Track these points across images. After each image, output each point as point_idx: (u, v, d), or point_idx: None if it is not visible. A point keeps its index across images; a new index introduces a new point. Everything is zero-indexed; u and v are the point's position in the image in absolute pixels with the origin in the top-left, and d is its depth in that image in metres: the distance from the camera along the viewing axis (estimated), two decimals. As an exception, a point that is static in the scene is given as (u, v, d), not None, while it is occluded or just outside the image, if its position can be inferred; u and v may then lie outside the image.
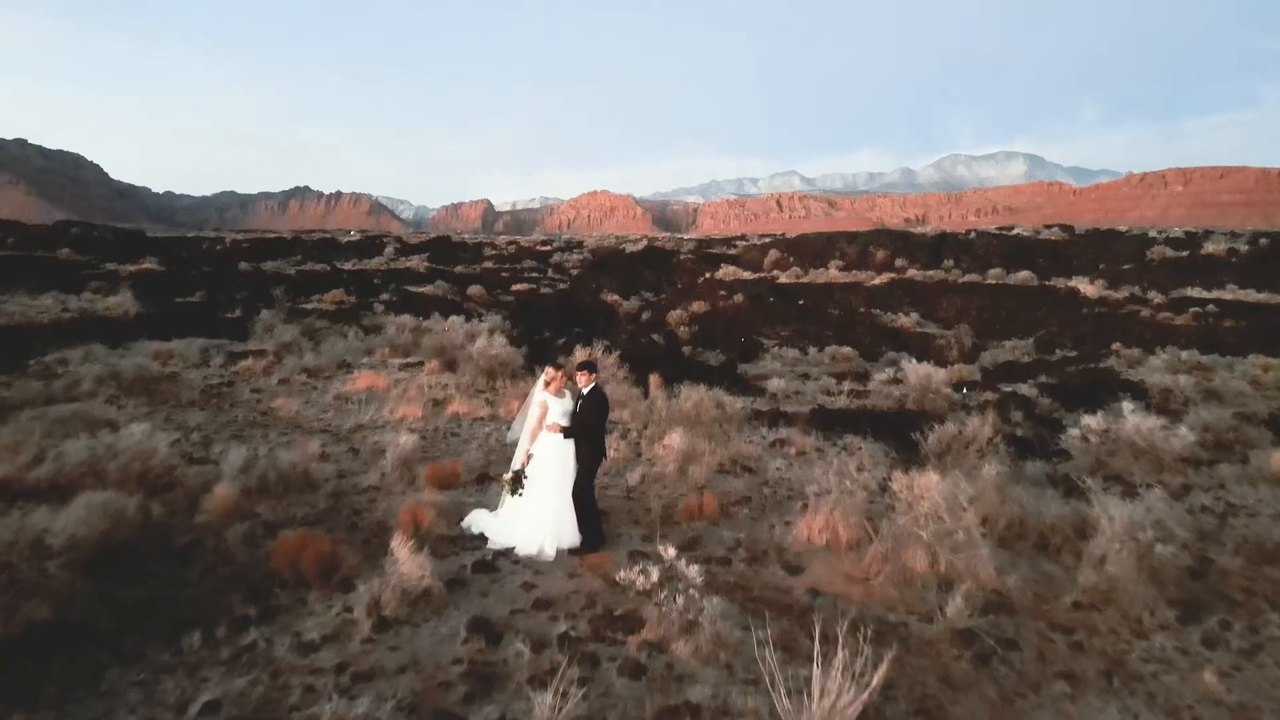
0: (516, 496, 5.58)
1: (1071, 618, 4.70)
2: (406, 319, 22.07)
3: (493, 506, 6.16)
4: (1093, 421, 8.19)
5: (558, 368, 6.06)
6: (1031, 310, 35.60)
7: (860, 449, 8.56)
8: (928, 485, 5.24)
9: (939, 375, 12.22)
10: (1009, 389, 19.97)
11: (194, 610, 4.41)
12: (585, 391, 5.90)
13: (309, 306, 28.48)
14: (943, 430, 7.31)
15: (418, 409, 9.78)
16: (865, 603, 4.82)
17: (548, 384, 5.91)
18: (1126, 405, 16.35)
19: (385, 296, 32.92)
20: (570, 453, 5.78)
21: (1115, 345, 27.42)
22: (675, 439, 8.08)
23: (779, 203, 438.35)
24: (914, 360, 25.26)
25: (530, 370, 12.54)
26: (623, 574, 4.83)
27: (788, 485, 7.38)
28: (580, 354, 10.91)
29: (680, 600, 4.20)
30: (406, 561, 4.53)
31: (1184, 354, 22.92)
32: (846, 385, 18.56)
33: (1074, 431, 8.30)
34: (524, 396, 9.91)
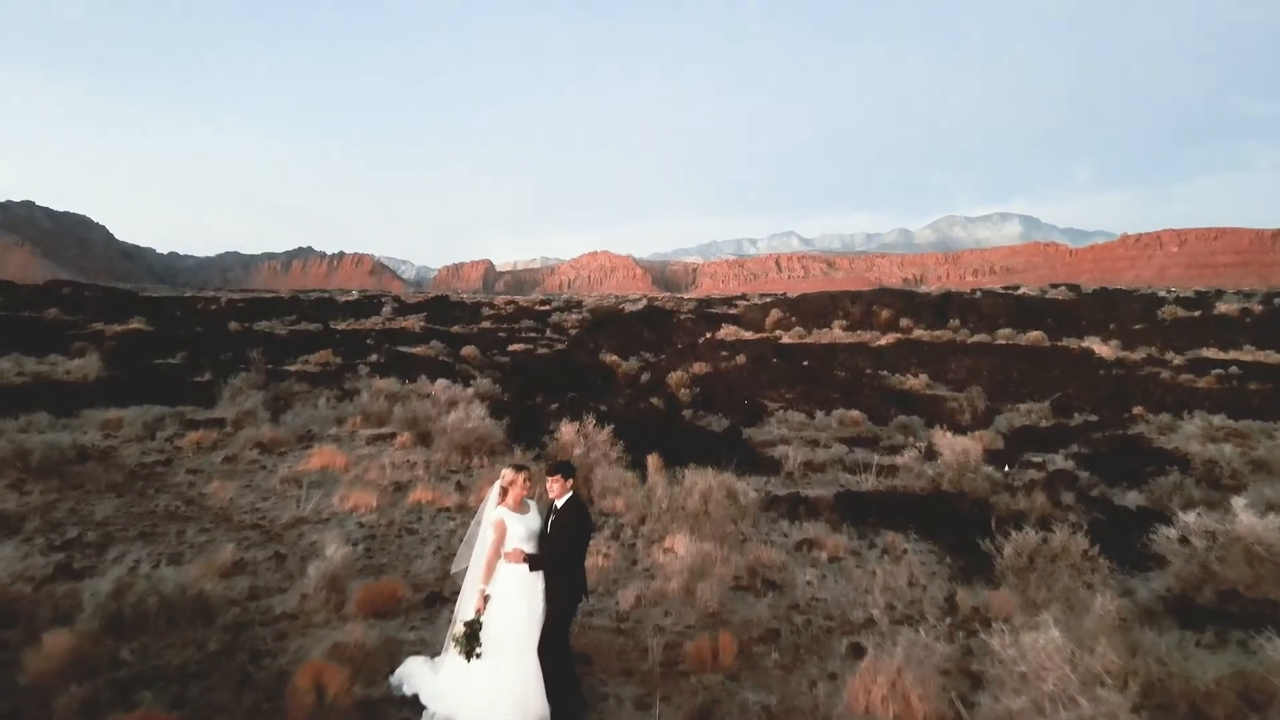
0: (473, 660, 3.95)
1: None
2: (391, 382, 20.67)
3: (439, 646, 4.57)
4: (1191, 519, 6.63)
5: (519, 469, 4.46)
6: (1045, 372, 34.23)
7: (904, 551, 6.97)
8: (1033, 644, 3.68)
9: (975, 449, 10.69)
10: (1038, 459, 18.41)
11: None
12: (559, 504, 4.33)
13: (292, 368, 27.12)
14: (1021, 539, 5.74)
15: (373, 496, 8.22)
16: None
17: (505, 492, 4.38)
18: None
19: (374, 357, 31.60)
20: (539, 588, 4.21)
21: (1136, 408, 25.96)
22: (680, 542, 6.52)
23: (778, 263, 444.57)
24: (921, 420, 23.86)
25: (512, 446, 11.02)
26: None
27: (824, 608, 5.75)
28: (566, 429, 9.41)
29: None
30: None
31: (1214, 419, 21.45)
32: (862, 453, 17.02)
33: (1167, 531, 6.73)
34: (505, 469, 8.42)
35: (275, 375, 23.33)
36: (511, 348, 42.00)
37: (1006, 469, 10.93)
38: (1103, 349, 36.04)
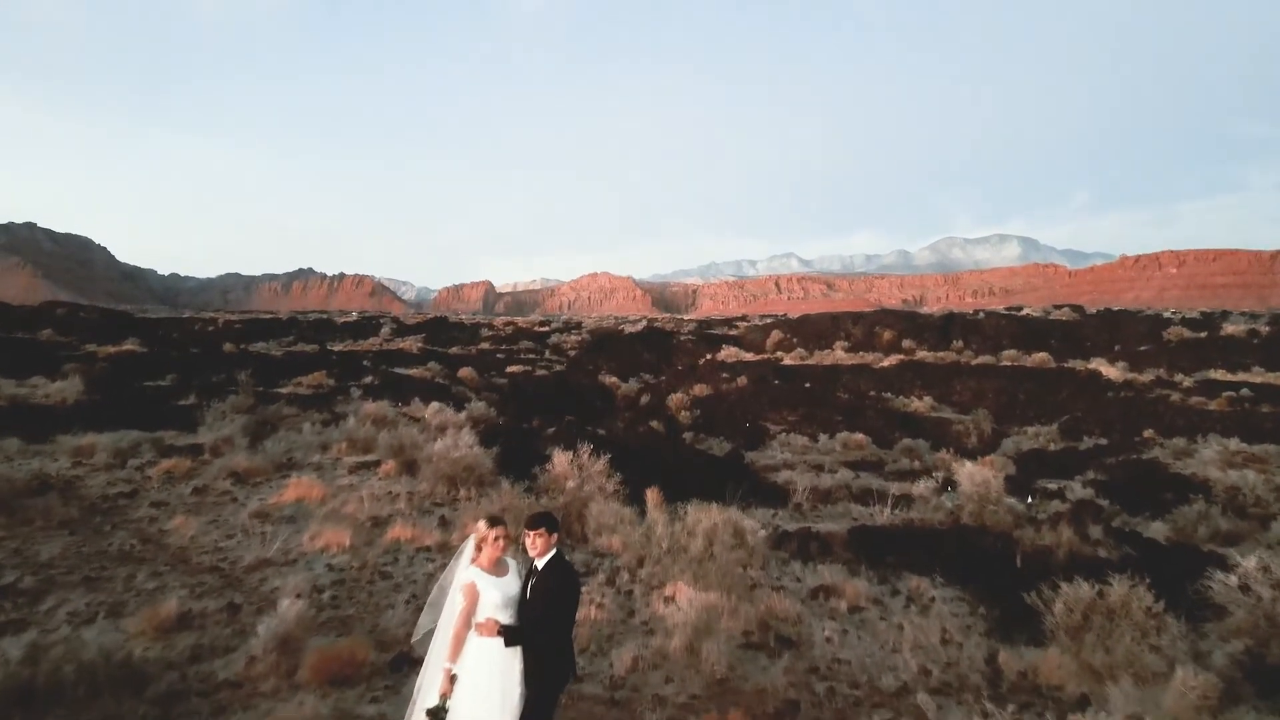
0: None
1: None
2: (383, 405, 19.99)
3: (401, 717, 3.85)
4: (1251, 564, 5.93)
5: (494, 523, 3.71)
6: (1052, 394, 33.59)
7: (932, 599, 6.26)
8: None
9: (996, 480, 9.99)
10: (1052, 485, 17.68)
11: None
12: (540, 565, 3.60)
13: (284, 390, 26.46)
14: (1073, 593, 5.01)
15: (347, 534, 7.51)
16: None
17: (479, 548, 3.70)
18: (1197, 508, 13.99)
19: (369, 380, 30.93)
20: (517, 667, 3.49)
21: (1147, 432, 25.30)
22: (682, 590, 5.82)
23: (778, 284, 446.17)
24: (926, 444, 23.14)
25: (505, 473, 10.31)
26: None
27: (848, 673, 5.01)
28: (560, 460, 8.70)
29: None
30: None
31: (1230, 443, 20.76)
32: (869, 478, 16.32)
33: (1224, 576, 6.02)
34: (479, 520, 7.72)
35: (265, 398, 22.65)
36: (510, 369, 41.39)
37: (1029, 500, 10.23)
38: (1110, 370, 35.42)
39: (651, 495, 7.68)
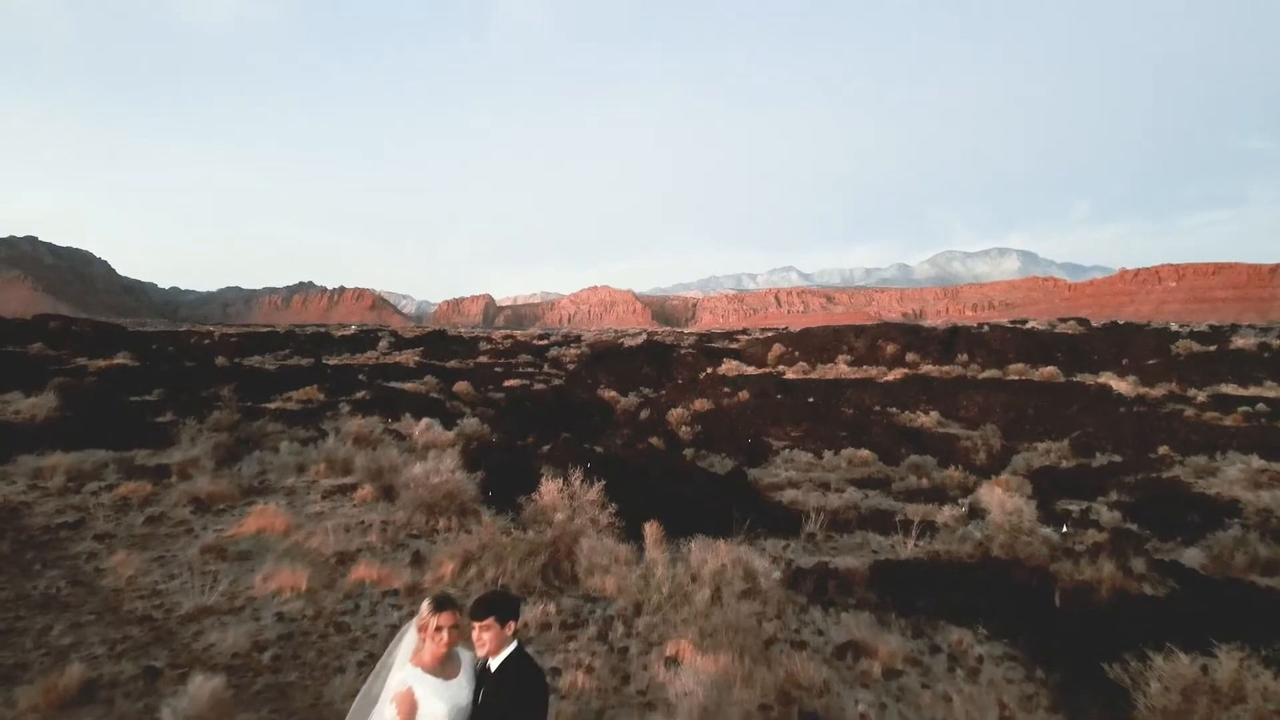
0: None
1: None
2: (372, 421, 19.11)
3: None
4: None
5: (441, 607, 2.74)
6: (1061, 409, 32.65)
7: (979, 657, 5.35)
8: None
9: (1029, 508, 9.10)
10: (1072, 506, 16.75)
11: None
12: (496, 664, 2.70)
13: (272, 406, 25.57)
14: (1170, 671, 4.08)
15: (305, 574, 6.60)
16: None
17: (422, 638, 2.76)
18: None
19: (360, 394, 30.04)
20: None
21: (1162, 448, 24.38)
22: (687, 648, 4.92)
23: (777, 297, 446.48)
24: (934, 460, 22.22)
25: (490, 500, 9.40)
26: None
27: (891, 766, 4.10)
28: (549, 488, 7.77)
29: None
30: None
31: (1251, 460, 19.89)
32: (877, 497, 15.48)
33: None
34: (459, 558, 6.78)
35: (251, 414, 21.76)
36: (507, 383, 40.53)
37: (1065, 529, 9.33)
38: (1120, 385, 34.54)
39: (650, 531, 6.78)
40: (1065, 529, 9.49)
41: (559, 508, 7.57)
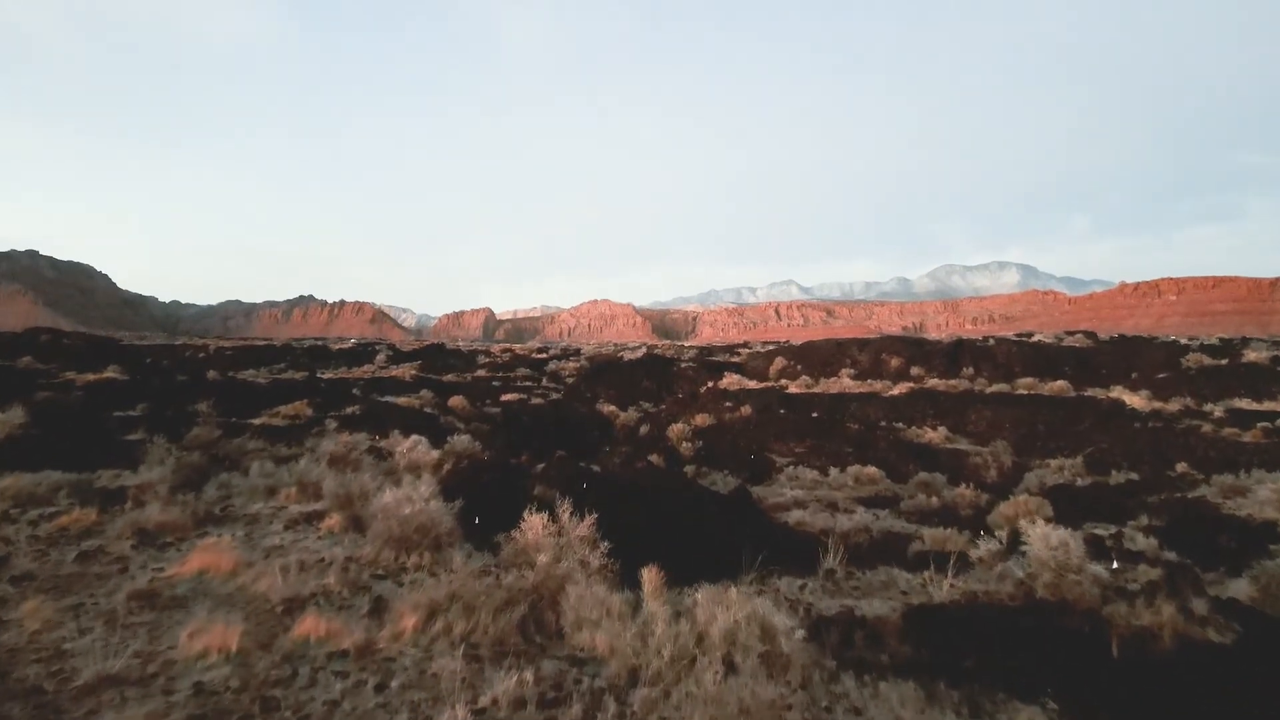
0: None
1: None
2: (359, 439, 18.16)
3: None
4: None
5: None
6: (1073, 424, 31.63)
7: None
8: None
9: (1075, 543, 8.13)
10: (1100, 531, 15.78)
11: None
12: None
13: (257, 421, 24.62)
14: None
15: (240, 628, 5.64)
16: None
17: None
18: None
19: (351, 409, 29.13)
20: None
21: (1181, 465, 23.39)
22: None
23: (778, 311, 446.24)
24: (944, 478, 21.22)
25: (469, 533, 8.46)
26: None
27: None
28: (533, 523, 6.84)
29: None
30: None
31: (1277, 478, 18.95)
32: (890, 519, 14.56)
33: None
34: (423, 608, 5.84)
35: (234, 430, 20.82)
36: (505, 397, 39.56)
37: (1114, 565, 8.37)
38: (1134, 399, 33.57)
39: (650, 577, 5.86)
40: (1115, 564, 8.53)
41: (543, 547, 6.63)
